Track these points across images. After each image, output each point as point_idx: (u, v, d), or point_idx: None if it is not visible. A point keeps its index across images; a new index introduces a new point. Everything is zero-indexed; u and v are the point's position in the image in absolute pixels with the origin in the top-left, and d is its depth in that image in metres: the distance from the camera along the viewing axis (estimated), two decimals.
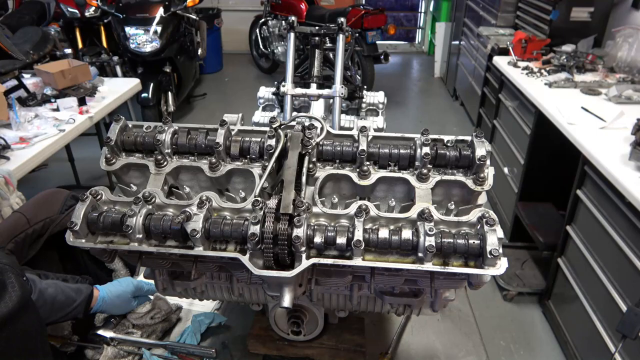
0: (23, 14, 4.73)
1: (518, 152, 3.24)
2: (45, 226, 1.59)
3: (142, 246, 0.96)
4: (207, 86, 6.87)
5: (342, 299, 1.30)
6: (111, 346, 1.46)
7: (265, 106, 2.35)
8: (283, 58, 6.43)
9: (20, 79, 2.91)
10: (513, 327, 2.84)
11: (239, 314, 1.67)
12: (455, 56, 6.03)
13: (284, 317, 1.40)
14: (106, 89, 3.21)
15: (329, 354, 1.46)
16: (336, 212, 0.97)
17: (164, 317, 1.59)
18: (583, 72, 3.24)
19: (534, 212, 3.07)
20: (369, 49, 5.51)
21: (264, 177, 1.04)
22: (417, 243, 0.90)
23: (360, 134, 1.08)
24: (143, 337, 1.52)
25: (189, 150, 1.13)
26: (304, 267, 0.91)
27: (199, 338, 1.57)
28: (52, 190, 1.74)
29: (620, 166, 2.05)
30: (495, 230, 0.90)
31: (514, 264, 3.17)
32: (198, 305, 1.69)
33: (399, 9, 9.18)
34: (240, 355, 1.51)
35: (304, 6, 6.11)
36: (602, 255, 2.21)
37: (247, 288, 1.30)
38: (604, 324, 2.16)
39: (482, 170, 1.03)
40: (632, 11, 3.44)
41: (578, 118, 2.55)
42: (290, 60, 2.11)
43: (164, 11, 4.89)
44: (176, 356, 1.48)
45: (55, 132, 2.51)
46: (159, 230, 0.96)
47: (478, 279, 0.98)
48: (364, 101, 2.27)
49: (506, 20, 4.42)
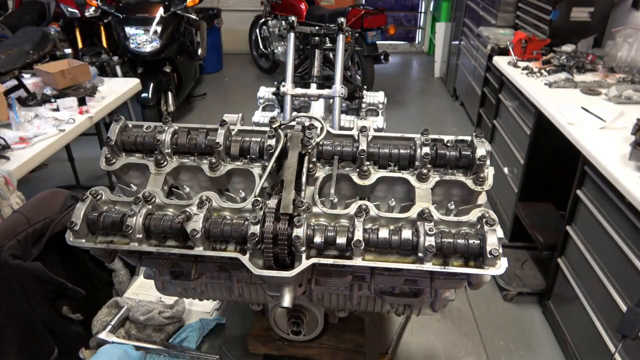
0: (23, 14, 4.73)
1: (518, 152, 3.24)
2: (45, 226, 1.59)
3: (142, 246, 0.96)
4: (207, 86, 6.87)
5: (342, 299, 1.30)
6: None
7: (265, 106, 2.35)
8: (283, 58, 6.43)
9: (20, 79, 2.91)
10: (513, 327, 2.84)
11: (239, 314, 1.67)
12: (455, 56, 6.03)
13: (284, 317, 1.40)
14: (106, 89, 3.21)
15: (329, 354, 1.46)
16: (336, 212, 0.97)
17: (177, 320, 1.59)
18: (583, 72, 3.24)
19: (534, 212, 3.07)
20: (369, 49, 5.51)
21: (264, 177, 1.04)
22: (417, 243, 0.90)
23: (360, 134, 1.08)
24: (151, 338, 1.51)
25: (189, 150, 1.13)
26: (304, 267, 0.91)
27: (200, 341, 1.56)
28: (52, 190, 1.74)
29: (620, 166, 2.05)
30: (495, 230, 0.90)
31: (514, 264, 3.17)
32: (198, 305, 1.69)
33: (399, 9, 9.18)
34: (240, 355, 1.50)
35: (304, 6, 6.11)
36: (602, 255, 2.21)
37: (247, 288, 1.30)
38: (604, 324, 2.16)
39: (482, 170, 1.03)
40: (632, 11, 3.44)
41: (578, 118, 2.55)
42: (290, 60, 2.10)
43: (164, 11, 4.89)
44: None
45: (55, 132, 2.51)
46: (159, 230, 0.96)
47: (478, 279, 0.98)
48: (364, 101, 2.27)
49: (506, 20, 4.42)
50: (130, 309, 1.58)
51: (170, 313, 1.57)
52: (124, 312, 1.58)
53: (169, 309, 1.58)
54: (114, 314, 1.57)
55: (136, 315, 1.55)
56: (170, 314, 1.57)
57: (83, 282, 1.77)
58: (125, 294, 1.74)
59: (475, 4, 5.19)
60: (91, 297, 1.69)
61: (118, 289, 1.80)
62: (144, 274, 1.33)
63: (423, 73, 7.67)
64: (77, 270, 1.75)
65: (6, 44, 3.48)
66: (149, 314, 1.54)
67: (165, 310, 1.57)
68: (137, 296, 1.70)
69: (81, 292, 1.60)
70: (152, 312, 1.55)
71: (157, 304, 1.60)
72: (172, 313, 1.57)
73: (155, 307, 1.57)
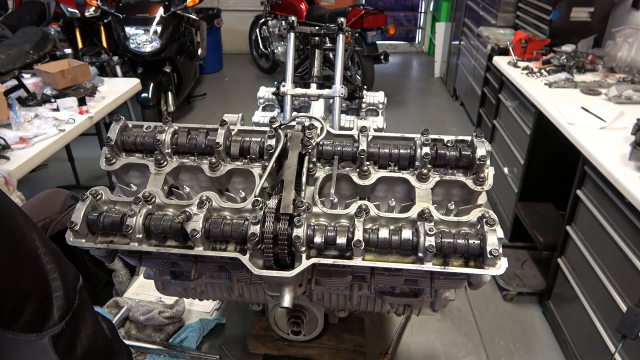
0: (23, 14, 4.73)
1: (518, 152, 3.24)
2: (45, 226, 1.59)
3: (142, 246, 0.96)
4: (207, 86, 6.87)
5: (342, 299, 1.30)
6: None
7: (265, 106, 2.35)
8: (283, 58, 6.43)
9: (20, 79, 2.91)
10: (513, 327, 2.84)
11: (239, 314, 1.67)
12: (455, 56, 6.03)
13: (284, 317, 1.40)
14: (106, 89, 3.21)
15: (329, 354, 1.46)
16: (336, 212, 0.97)
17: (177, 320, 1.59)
18: (583, 72, 3.24)
19: (534, 212, 3.07)
20: (369, 49, 5.51)
21: (264, 177, 1.04)
22: (417, 243, 0.90)
23: (360, 134, 1.08)
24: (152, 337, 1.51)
25: (189, 150, 1.13)
26: (304, 267, 0.91)
27: (200, 341, 1.56)
28: (52, 190, 1.74)
29: (620, 166, 2.05)
30: (495, 230, 0.90)
31: (514, 264, 3.17)
32: (198, 305, 1.69)
33: (399, 9, 9.18)
34: (240, 355, 1.50)
35: (304, 6, 6.11)
36: (602, 255, 2.21)
37: (247, 288, 1.30)
38: (604, 324, 2.16)
39: (482, 170, 1.03)
40: (632, 11, 3.44)
41: (578, 118, 2.55)
42: (290, 60, 2.11)
43: (164, 11, 4.89)
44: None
45: (55, 132, 2.51)
46: (159, 230, 0.96)
47: (478, 279, 0.97)
48: (364, 101, 2.27)
49: (506, 20, 4.43)
50: (130, 309, 1.58)
51: (170, 313, 1.57)
52: (124, 312, 1.58)
53: (169, 309, 1.58)
54: (114, 314, 1.57)
55: (136, 315, 1.55)
56: (170, 314, 1.57)
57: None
58: (125, 294, 1.74)
59: (475, 4, 5.19)
60: (91, 297, 1.68)
61: (118, 289, 1.80)
62: (144, 274, 1.33)
63: (423, 73, 7.67)
64: (77, 271, 1.74)
65: (6, 44, 3.49)
66: (149, 314, 1.54)
67: (165, 310, 1.57)
68: (137, 296, 1.70)
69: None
70: (152, 312, 1.55)
71: (157, 304, 1.60)
72: (172, 313, 1.57)
73: (155, 307, 1.57)
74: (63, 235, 0.99)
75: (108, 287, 1.81)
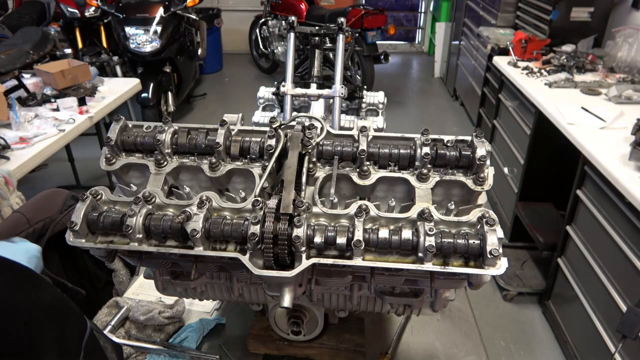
0: (23, 14, 4.74)
1: (518, 152, 3.25)
2: (45, 226, 1.59)
3: (142, 246, 0.96)
4: (207, 86, 6.87)
5: (342, 299, 1.30)
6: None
7: (265, 106, 2.35)
8: (283, 58, 6.43)
9: (20, 79, 2.91)
10: (513, 327, 2.84)
11: (239, 314, 1.67)
12: (455, 56, 6.03)
13: (284, 317, 1.40)
14: (106, 89, 3.21)
15: (329, 354, 1.46)
16: (336, 212, 0.97)
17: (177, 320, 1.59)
18: (583, 72, 3.24)
19: (534, 212, 3.07)
20: (369, 49, 5.51)
21: (264, 177, 1.04)
22: (417, 243, 0.90)
23: (360, 134, 1.08)
24: (151, 337, 1.51)
25: (189, 150, 1.13)
26: (304, 267, 0.91)
27: (200, 341, 1.56)
28: (52, 190, 1.74)
29: (620, 166, 2.05)
30: (495, 230, 0.90)
31: (514, 264, 3.17)
32: (198, 305, 1.70)
33: (399, 9, 9.18)
34: (240, 355, 1.50)
35: (304, 6, 6.11)
36: (602, 255, 2.21)
37: (247, 288, 1.30)
38: (604, 324, 2.16)
39: (482, 170, 1.03)
40: (632, 11, 3.44)
41: (578, 118, 2.55)
42: (290, 60, 2.11)
43: (164, 11, 4.89)
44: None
45: (55, 132, 2.51)
46: (159, 230, 0.96)
47: (478, 279, 0.97)
48: (364, 101, 2.27)
49: (506, 20, 4.43)
50: (130, 309, 1.58)
51: (170, 313, 1.57)
52: (124, 312, 1.58)
53: (169, 309, 1.58)
54: (114, 314, 1.57)
55: (136, 315, 1.55)
56: (170, 314, 1.57)
57: (83, 282, 1.77)
58: (125, 294, 1.73)
59: (475, 4, 5.19)
60: (91, 297, 1.69)
61: (118, 289, 1.80)
62: (144, 274, 1.33)
63: (423, 73, 7.67)
64: (77, 270, 1.75)
65: (6, 44, 3.49)
66: (149, 314, 1.54)
67: (165, 310, 1.57)
68: (137, 296, 1.70)
69: (81, 292, 1.60)
70: (152, 312, 1.55)
71: (157, 304, 1.60)
72: (172, 313, 1.57)
73: (155, 307, 1.57)
74: (63, 235, 0.99)
75: (108, 287, 1.82)
